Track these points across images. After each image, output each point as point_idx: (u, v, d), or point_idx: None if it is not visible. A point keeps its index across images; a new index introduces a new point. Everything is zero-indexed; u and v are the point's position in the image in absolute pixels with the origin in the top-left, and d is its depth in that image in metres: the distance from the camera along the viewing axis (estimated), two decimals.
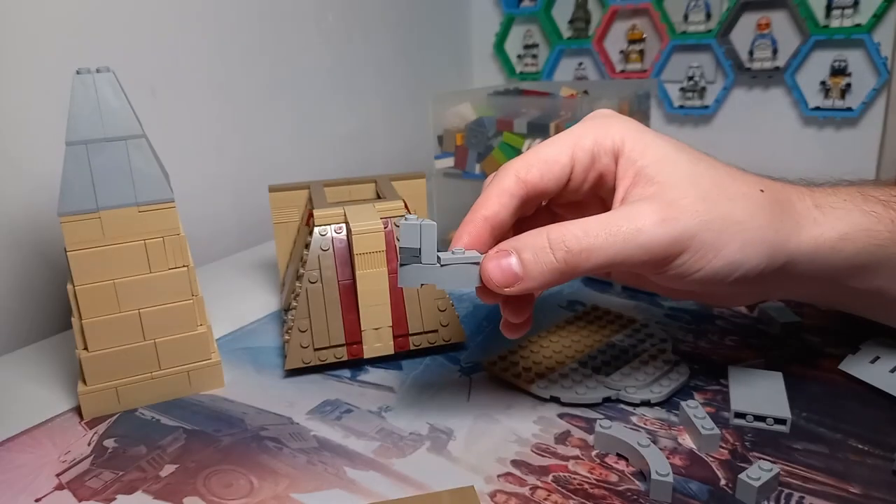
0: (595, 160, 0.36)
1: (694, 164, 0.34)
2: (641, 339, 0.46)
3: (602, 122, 0.36)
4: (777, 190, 0.35)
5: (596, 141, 0.35)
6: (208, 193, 0.73)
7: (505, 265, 0.33)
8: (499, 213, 0.35)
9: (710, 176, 0.34)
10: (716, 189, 0.33)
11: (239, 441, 0.39)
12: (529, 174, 0.35)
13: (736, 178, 0.34)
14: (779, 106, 0.89)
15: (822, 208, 0.35)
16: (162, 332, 0.42)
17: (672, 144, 0.35)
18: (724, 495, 0.32)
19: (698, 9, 0.91)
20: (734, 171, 0.35)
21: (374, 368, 0.46)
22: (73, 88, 0.38)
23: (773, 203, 0.34)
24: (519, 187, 0.35)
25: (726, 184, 0.34)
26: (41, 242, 0.58)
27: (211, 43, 0.71)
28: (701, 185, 0.33)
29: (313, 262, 0.45)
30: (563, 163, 0.36)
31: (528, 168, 0.36)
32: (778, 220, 0.34)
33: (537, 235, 0.33)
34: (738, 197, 0.33)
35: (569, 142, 0.36)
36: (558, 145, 0.36)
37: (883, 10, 0.79)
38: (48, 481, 0.36)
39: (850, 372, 0.41)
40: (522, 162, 0.36)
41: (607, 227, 0.32)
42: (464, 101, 0.67)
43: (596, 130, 0.36)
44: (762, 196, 0.34)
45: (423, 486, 0.34)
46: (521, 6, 1.06)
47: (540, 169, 0.35)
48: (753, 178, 0.35)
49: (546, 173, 0.35)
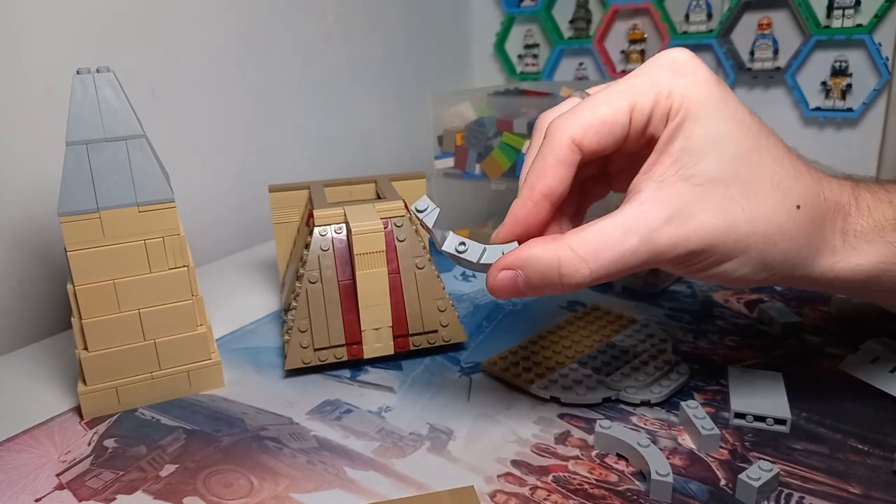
0: (650, 122, 0.32)
1: (738, 160, 0.31)
2: (641, 339, 0.46)
3: (670, 75, 0.31)
4: (813, 207, 0.32)
5: (657, 101, 0.31)
6: (208, 193, 0.73)
7: (510, 285, 0.32)
8: (558, 187, 0.32)
9: (748, 181, 0.31)
10: (745, 201, 0.31)
11: (239, 441, 0.39)
12: (586, 139, 0.32)
13: (778, 187, 0.31)
14: (779, 106, 0.89)
15: (847, 236, 0.33)
16: (162, 332, 0.42)
17: (727, 125, 0.31)
18: (724, 495, 0.32)
19: (699, 9, 0.90)
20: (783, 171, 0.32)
21: (374, 368, 0.46)
22: (73, 88, 0.38)
23: (801, 226, 0.31)
24: (576, 155, 0.32)
25: (761, 195, 0.31)
26: (41, 242, 0.58)
27: (211, 43, 0.71)
28: (730, 194, 0.30)
29: (313, 262, 0.45)
30: (622, 123, 0.32)
31: (584, 131, 0.32)
32: (795, 248, 0.32)
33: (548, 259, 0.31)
34: (764, 215, 0.31)
35: (628, 98, 0.32)
36: (617, 101, 0.32)
37: (884, 10, 0.79)
38: (48, 481, 0.36)
39: (850, 372, 0.41)
40: (577, 122, 0.32)
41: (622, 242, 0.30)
42: (464, 101, 0.67)
43: (660, 86, 0.31)
44: (794, 216, 0.31)
45: (423, 486, 0.34)
46: (522, 6, 1.06)
47: (598, 132, 0.32)
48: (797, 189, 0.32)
49: (604, 136, 0.32)
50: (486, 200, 0.70)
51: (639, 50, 0.98)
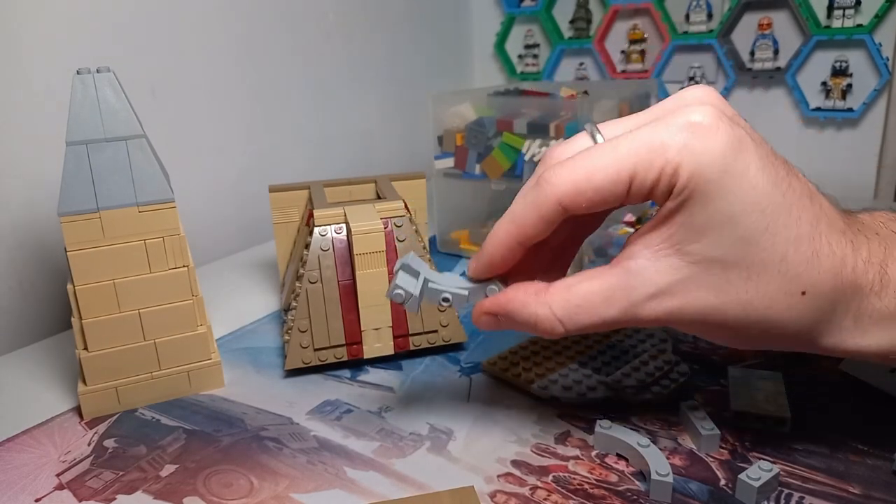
0: (652, 193, 0.29)
1: (744, 242, 0.28)
2: (641, 339, 0.46)
3: (678, 146, 0.28)
4: (822, 295, 0.29)
5: (660, 176, 0.28)
6: (208, 193, 0.73)
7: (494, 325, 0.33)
8: (534, 238, 0.32)
9: (751, 264, 0.28)
10: (743, 286, 0.29)
11: (239, 441, 0.39)
12: (573, 204, 0.30)
13: (785, 272, 0.28)
14: (780, 106, 0.89)
15: (860, 319, 0.30)
16: (162, 332, 0.42)
17: (740, 203, 0.28)
18: (724, 495, 0.32)
19: (700, 9, 0.91)
20: (797, 255, 0.28)
21: (374, 368, 0.46)
22: (73, 88, 0.38)
23: (803, 314, 0.29)
24: (559, 216, 0.30)
25: (763, 279, 0.28)
26: (41, 242, 0.58)
27: (211, 43, 0.71)
28: (727, 277, 0.29)
29: (313, 262, 0.45)
30: (617, 194, 0.29)
31: (573, 196, 0.29)
32: (793, 332, 0.30)
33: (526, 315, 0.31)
34: (764, 300, 0.29)
35: (630, 168, 0.29)
36: (617, 167, 0.29)
37: (884, 10, 0.79)
38: (48, 481, 0.36)
39: (850, 372, 0.41)
40: (569, 183, 0.29)
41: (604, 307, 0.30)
42: (464, 101, 0.67)
43: (667, 158, 0.28)
44: (798, 302, 0.29)
45: (423, 486, 0.34)
46: (522, 6, 1.06)
47: (589, 199, 0.29)
48: (808, 273, 0.28)
49: (595, 204, 0.30)
50: (486, 200, 0.70)
51: (639, 50, 0.98)
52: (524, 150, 0.62)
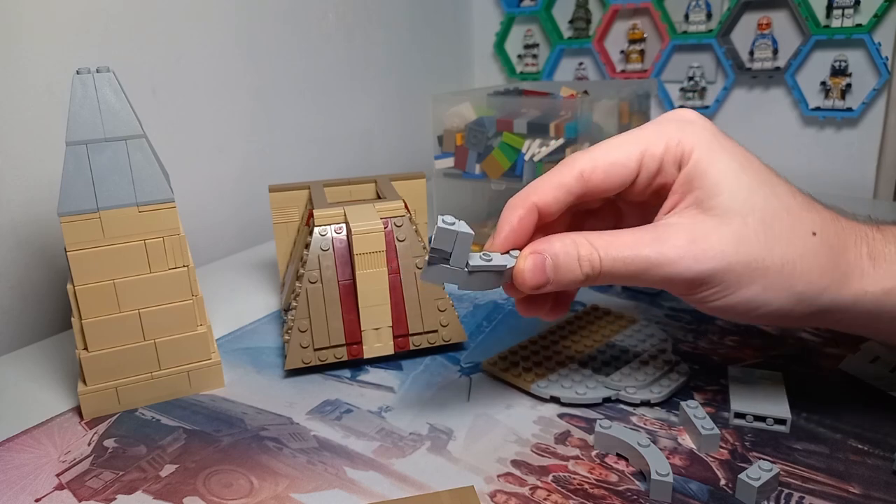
0: (662, 169, 0.34)
1: (752, 192, 0.32)
2: (641, 339, 0.46)
3: (677, 127, 0.34)
4: (832, 234, 0.33)
5: (667, 148, 0.34)
6: (208, 193, 0.73)
7: (539, 269, 0.34)
8: (551, 204, 0.35)
9: (763, 210, 0.32)
10: (760, 228, 0.32)
11: (239, 441, 0.39)
12: (594, 174, 0.34)
13: (792, 215, 0.33)
14: (779, 106, 0.89)
15: (876, 259, 0.33)
16: (162, 332, 0.42)
17: (738, 164, 0.33)
18: (724, 495, 0.32)
19: (699, 8, 0.90)
20: (796, 203, 0.33)
21: (374, 368, 0.46)
22: (73, 88, 0.38)
23: (819, 251, 0.32)
24: (579, 185, 0.35)
25: (776, 222, 0.32)
26: (41, 242, 0.58)
27: (211, 43, 0.71)
28: (745, 222, 0.32)
29: (313, 262, 0.45)
30: (630, 167, 0.34)
31: (593, 167, 0.34)
32: (817, 272, 0.32)
33: (570, 244, 0.33)
34: (781, 241, 0.32)
35: (640, 145, 0.34)
36: (629, 147, 0.34)
37: (884, 10, 0.79)
38: (48, 481, 0.36)
39: (850, 372, 0.41)
40: (588, 159, 0.35)
41: (636, 247, 0.33)
42: (464, 101, 0.67)
43: (669, 136, 0.34)
44: (811, 241, 0.32)
45: (423, 486, 0.34)
46: (522, 6, 1.06)
47: (605, 171, 0.34)
48: (811, 217, 0.33)
49: (611, 176, 0.34)
50: (486, 200, 0.70)
51: (638, 50, 0.98)
52: (524, 149, 0.62)
